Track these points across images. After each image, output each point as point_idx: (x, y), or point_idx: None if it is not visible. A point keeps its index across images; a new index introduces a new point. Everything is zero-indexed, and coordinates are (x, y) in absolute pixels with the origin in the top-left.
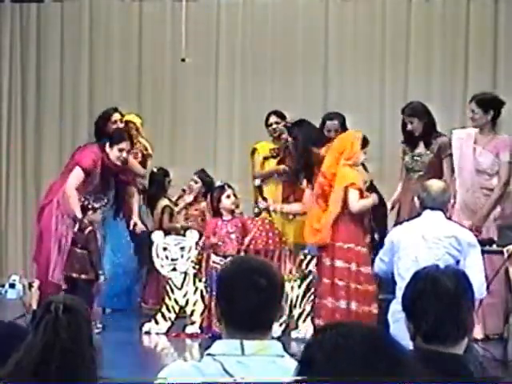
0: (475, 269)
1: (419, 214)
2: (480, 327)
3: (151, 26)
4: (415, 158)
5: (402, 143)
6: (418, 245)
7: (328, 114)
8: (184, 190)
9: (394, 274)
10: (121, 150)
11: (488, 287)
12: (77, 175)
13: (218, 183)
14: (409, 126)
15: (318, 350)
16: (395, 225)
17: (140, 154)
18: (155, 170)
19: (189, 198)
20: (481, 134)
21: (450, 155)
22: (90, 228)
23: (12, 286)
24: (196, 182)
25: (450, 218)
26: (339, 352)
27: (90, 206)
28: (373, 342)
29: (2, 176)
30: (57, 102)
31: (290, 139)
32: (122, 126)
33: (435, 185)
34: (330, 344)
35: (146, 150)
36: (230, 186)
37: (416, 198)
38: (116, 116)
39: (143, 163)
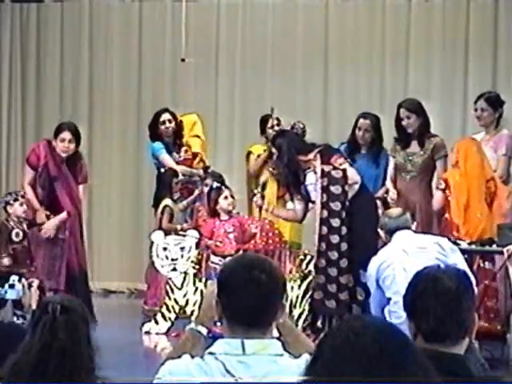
0: None
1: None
2: None
3: (151, 26)
4: (409, 157)
5: (394, 140)
6: (402, 257)
7: (363, 113)
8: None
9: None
10: (62, 140)
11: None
12: (26, 172)
13: (215, 184)
14: (404, 121)
15: (329, 343)
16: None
17: (190, 152)
18: (163, 170)
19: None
20: (486, 133)
21: (445, 156)
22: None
23: (11, 286)
24: (207, 185)
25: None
26: (347, 349)
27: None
28: (383, 345)
29: (2, 177)
30: (57, 102)
31: (274, 150)
32: (171, 125)
33: (394, 210)
34: (340, 339)
35: (190, 147)
36: (226, 187)
37: (379, 230)
38: (165, 116)
39: (192, 161)
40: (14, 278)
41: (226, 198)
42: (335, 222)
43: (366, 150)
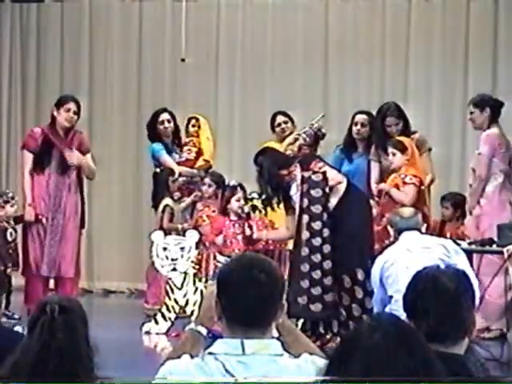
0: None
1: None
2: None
3: (151, 26)
4: None
5: (375, 145)
6: (406, 256)
7: (359, 110)
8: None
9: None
10: (68, 110)
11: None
12: (25, 160)
13: (232, 182)
14: (393, 128)
15: (364, 343)
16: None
17: (194, 154)
18: (159, 170)
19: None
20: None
21: (429, 150)
22: None
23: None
24: (210, 186)
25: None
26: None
27: None
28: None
29: (2, 176)
30: None
31: (256, 168)
32: (169, 125)
33: (406, 209)
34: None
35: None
36: (242, 188)
37: (389, 227)
38: (163, 116)
39: (194, 162)
40: (18, 328)
41: (238, 200)
42: (316, 225)
43: (362, 149)
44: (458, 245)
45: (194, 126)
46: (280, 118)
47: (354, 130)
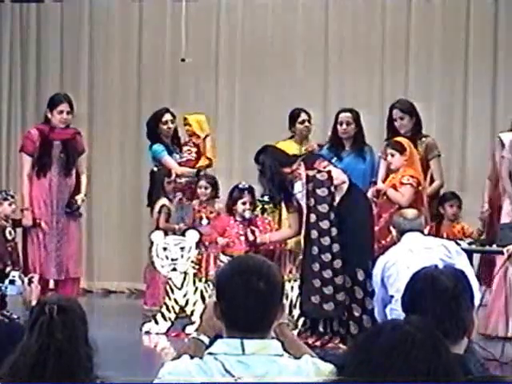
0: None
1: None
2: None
3: (151, 26)
4: None
5: (385, 141)
6: (407, 256)
7: (341, 108)
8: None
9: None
10: (61, 112)
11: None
12: (24, 162)
13: (241, 185)
14: (397, 122)
15: (382, 347)
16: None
17: (194, 154)
18: (155, 169)
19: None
20: None
21: (438, 156)
22: None
23: (12, 282)
24: (206, 188)
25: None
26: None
27: None
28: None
29: (2, 176)
30: None
31: (258, 166)
32: (172, 126)
33: (410, 211)
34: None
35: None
36: (250, 192)
37: (392, 228)
38: (167, 116)
39: (195, 162)
40: (14, 274)
41: (244, 203)
42: (324, 225)
43: (349, 147)
44: (459, 245)
45: (185, 125)
46: (305, 115)
47: (339, 130)
